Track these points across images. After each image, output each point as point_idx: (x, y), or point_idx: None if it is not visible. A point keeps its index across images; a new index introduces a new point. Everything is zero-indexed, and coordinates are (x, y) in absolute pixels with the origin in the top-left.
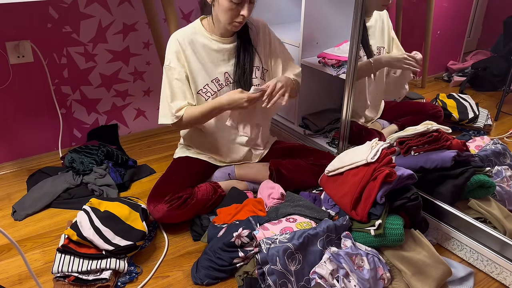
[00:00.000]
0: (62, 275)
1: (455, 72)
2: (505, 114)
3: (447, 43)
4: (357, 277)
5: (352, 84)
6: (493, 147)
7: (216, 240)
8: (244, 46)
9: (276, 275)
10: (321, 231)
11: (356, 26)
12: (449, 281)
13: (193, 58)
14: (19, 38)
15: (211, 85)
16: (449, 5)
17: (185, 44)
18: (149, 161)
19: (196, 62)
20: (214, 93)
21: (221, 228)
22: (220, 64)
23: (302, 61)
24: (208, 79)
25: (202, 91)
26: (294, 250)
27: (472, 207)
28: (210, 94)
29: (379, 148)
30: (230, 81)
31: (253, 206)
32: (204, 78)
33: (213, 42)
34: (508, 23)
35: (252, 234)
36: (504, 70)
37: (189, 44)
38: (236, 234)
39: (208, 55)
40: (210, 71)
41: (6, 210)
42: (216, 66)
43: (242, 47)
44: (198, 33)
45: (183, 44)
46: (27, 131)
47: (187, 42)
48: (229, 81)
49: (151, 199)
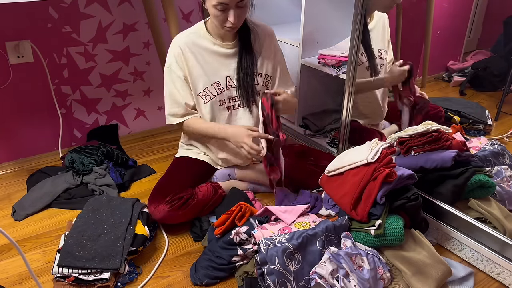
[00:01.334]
0: (62, 275)
1: (455, 72)
2: (505, 114)
3: (447, 43)
4: (357, 277)
5: (352, 84)
6: (492, 148)
7: (215, 240)
8: (246, 50)
9: (276, 275)
10: (320, 231)
11: (356, 26)
12: (449, 281)
13: (193, 62)
14: (19, 38)
15: (211, 88)
16: (449, 5)
17: (185, 48)
18: (149, 161)
19: (197, 66)
20: (214, 97)
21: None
22: (221, 67)
23: (302, 61)
24: (208, 82)
25: (202, 94)
26: (293, 250)
27: (472, 207)
28: (210, 98)
29: (379, 148)
30: (232, 85)
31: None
32: (204, 82)
33: (215, 46)
34: (508, 23)
35: (250, 232)
36: (504, 70)
37: (191, 47)
38: (234, 231)
39: (210, 58)
40: (211, 74)
41: (6, 210)
42: (217, 70)
43: (244, 51)
44: (201, 36)
45: (183, 49)
46: (27, 131)
47: (188, 46)
48: (230, 85)
49: (152, 200)
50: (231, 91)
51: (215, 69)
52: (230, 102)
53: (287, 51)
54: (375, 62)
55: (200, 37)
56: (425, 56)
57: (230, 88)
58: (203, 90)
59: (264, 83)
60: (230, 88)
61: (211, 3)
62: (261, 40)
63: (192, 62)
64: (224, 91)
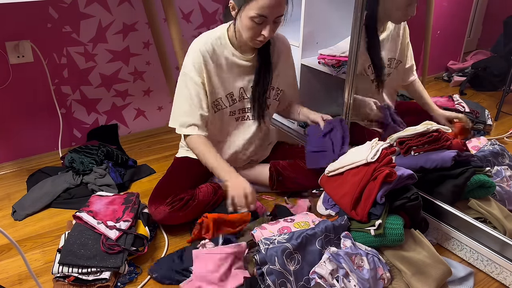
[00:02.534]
0: (62, 275)
1: (455, 72)
2: (505, 114)
3: (447, 43)
4: (357, 277)
5: (352, 84)
6: (491, 148)
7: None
8: (266, 65)
9: (275, 274)
10: (319, 231)
11: (356, 26)
12: (449, 281)
13: (213, 72)
14: (19, 38)
15: (224, 99)
16: (449, 5)
17: (206, 54)
18: (149, 161)
19: (216, 75)
20: (225, 107)
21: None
22: (237, 79)
23: (302, 61)
24: (222, 93)
25: (214, 104)
26: (293, 250)
27: (472, 207)
28: (221, 107)
29: (379, 148)
30: (244, 97)
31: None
32: (220, 92)
33: (234, 57)
34: (508, 23)
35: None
36: (504, 70)
37: (212, 55)
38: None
39: (228, 68)
40: (227, 85)
41: (6, 210)
42: (233, 81)
43: (264, 66)
44: (223, 44)
45: (205, 56)
46: (27, 131)
47: (209, 52)
48: (242, 97)
49: (152, 201)
50: (244, 103)
51: (231, 80)
52: (240, 113)
53: None
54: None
55: (221, 45)
56: (425, 56)
57: (243, 100)
58: (216, 99)
59: (275, 97)
60: (243, 100)
61: (249, 14)
62: (279, 54)
63: (213, 71)
64: (236, 102)
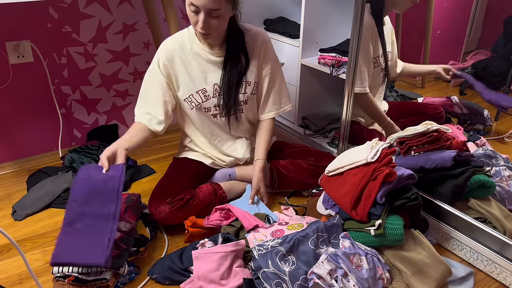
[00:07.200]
0: (62, 275)
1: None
2: (505, 114)
3: (447, 43)
4: (356, 277)
5: (352, 84)
6: (482, 152)
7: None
8: (232, 59)
9: (270, 276)
10: (310, 232)
11: (356, 26)
12: (449, 281)
13: (181, 69)
14: (19, 38)
15: (195, 95)
16: (449, 5)
17: (172, 55)
18: (149, 161)
19: (183, 73)
20: (199, 104)
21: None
22: (209, 75)
23: (302, 61)
24: (193, 89)
25: (187, 100)
26: (286, 253)
27: (472, 207)
28: (195, 104)
29: (379, 148)
30: (220, 93)
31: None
32: (189, 89)
33: (204, 52)
34: (508, 23)
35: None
36: (504, 70)
37: (179, 53)
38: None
39: (198, 64)
40: (197, 81)
41: (6, 210)
42: (204, 77)
43: (229, 60)
44: (191, 41)
45: (169, 56)
46: (27, 131)
47: (176, 51)
48: (218, 93)
49: (152, 201)
50: (219, 99)
51: (202, 76)
52: (216, 109)
53: (287, 51)
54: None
55: (190, 42)
56: (425, 56)
57: (218, 96)
58: (188, 96)
59: (253, 91)
60: (218, 96)
61: (187, 1)
62: (253, 47)
63: (178, 68)
64: (210, 98)
